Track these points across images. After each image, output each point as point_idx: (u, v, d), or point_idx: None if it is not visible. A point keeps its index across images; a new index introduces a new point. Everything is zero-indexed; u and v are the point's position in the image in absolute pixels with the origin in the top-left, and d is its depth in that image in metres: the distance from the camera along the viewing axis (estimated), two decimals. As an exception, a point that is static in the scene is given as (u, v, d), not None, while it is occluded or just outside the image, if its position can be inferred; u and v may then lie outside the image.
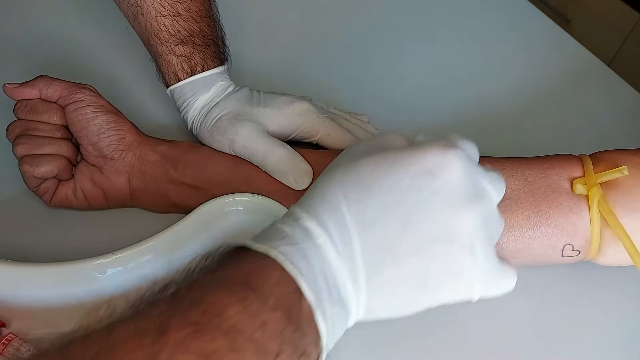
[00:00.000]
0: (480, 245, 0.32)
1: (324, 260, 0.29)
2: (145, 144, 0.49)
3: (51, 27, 0.67)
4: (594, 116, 0.61)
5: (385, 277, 0.30)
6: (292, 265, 0.29)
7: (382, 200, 0.31)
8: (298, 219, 0.31)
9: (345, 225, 0.30)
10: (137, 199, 0.50)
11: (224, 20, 0.55)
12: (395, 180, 0.31)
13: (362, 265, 0.30)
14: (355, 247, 0.30)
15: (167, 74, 0.51)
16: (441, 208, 0.31)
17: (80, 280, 0.43)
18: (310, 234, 0.30)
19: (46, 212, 0.51)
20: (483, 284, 0.32)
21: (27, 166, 0.46)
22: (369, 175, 0.31)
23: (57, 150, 0.47)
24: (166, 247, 0.45)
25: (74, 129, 0.47)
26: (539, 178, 0.44)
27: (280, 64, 0.65)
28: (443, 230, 0.31)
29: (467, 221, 0.31)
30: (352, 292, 0.30)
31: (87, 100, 0.47)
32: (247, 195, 0.47)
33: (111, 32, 0.63)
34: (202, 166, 0.49)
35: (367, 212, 0.30)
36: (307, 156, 0.48)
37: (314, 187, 0.33)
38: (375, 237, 0.30)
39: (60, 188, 0.49)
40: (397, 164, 0.32)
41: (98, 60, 0.63)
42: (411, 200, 0.31)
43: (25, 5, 0.69)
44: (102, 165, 0.48)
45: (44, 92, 0.47)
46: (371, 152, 0.33)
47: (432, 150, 0.32)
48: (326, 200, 0.31)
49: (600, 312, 0.47)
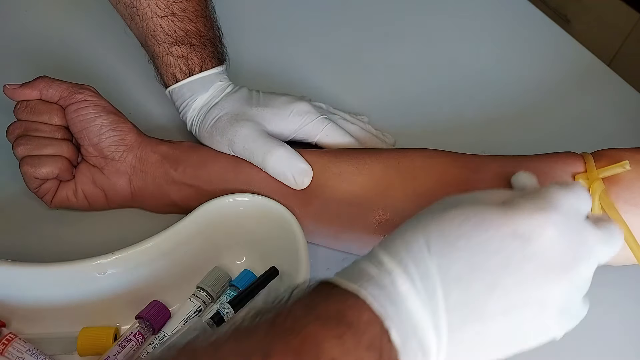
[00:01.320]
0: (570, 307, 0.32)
1: (407, 308, 0.29)
2: (146, 144, 0.49)
3: (51, 27, 0.67)
4: (593, 116, 0.61)
5: (469, 334, 0.30)
6: (382, 308, 0.28)
7: (468, 259, 0.30)
8: (382, 263, 0.30)
9: (429, 277, 0.30)
10: (138, 199, 0.50)
11: (224, 19, 0.55)
12: (484, 239, 0.30)
13: (445, 319, 0.29)
14: (439, 300, 0.29)
15: (166, 75, 0.51)
16: (534, 274, 0.30)
17: (81, 281, 0.43)
18: (394, 280, 0.29)
19: (46, 212, 0.51)
20: (565, 329, 0.33)
21: (28, 167, 0.46)
22: (456, 229, 0.30)
23: (58, 151, 0.47)
24: (166, 247, 0.45)
25: (75, 129, 0.47)
26: (542, 173, 0.44)
27: (280, 64, 0.65)
28: (535, 296, 0.30)
29: (560, 288, 0.31)
30: (434, 344, 0.29)
31: (87, 101, 0.47)
32: (247, 196, 0.47)
33: (111, 32, 0.63)
34: (203, 166, 0.49)
35: (452, 267, 0.30)
36: (307, 156, 0.48)
37: (398, 231, 0.32)
38: (459, 293, 0.29)
39: (61, 189, 0.49)
40: (487, 223, 0.30)
41: (97, 61, 0.63)
42: (499, 262, 0.30)
43: (25, 5, 0.69)
44: (102, 166, 0.48)
45: (44, 93, 0.47)
46: (462, 205, 0.32)
47: (526, 213, 0.30)
48: (409, 248, 0.30)
49: (602, 310, 0.47)
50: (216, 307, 0.44)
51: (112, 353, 0.42)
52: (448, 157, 0.47)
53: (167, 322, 0.44)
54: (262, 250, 0.47)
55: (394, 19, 0.71)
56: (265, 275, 0.44)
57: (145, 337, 0.43)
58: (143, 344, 0.43)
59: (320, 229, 0.48)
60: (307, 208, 0.47)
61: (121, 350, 0.42)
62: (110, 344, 0.43)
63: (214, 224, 0.47)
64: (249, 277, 0.46)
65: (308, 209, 0.47)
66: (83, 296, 0.44)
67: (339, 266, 0.47)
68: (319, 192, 0.47)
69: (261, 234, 0.47)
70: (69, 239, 0.50)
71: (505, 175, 0.43)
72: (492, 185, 0.45)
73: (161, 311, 0.44)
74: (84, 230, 0.50)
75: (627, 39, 1.15)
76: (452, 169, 0.46)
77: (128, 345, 0.42)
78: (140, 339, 0.43)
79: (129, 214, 0.51)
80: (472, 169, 0.46)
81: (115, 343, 0.42)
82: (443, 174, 0.46)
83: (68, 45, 0.54)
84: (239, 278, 0.46)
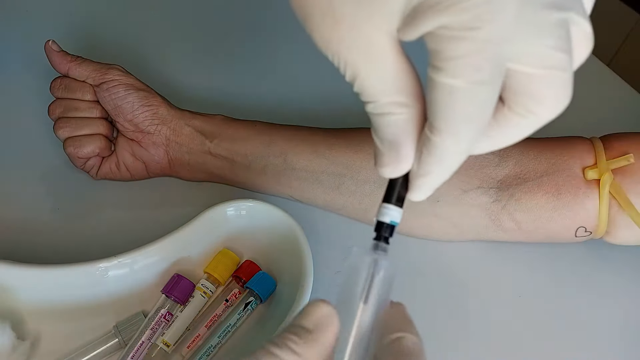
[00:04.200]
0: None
1: None
2: (180, 117, 0.51)
3: (51, 27, 0.67)
4: (593, 116, 0.61)
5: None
6: None
7: None
8: None
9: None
10: (176, 168, 0.52)
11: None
12: None
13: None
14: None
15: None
16: None
17: (83, 283, 0.44)
18: None
19: (48, 213, 0.52)
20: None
21: (71, 148, 0.50)
22: None
23: (95, 130, 0.50)
24: (169, 251, 0.45)
25: (108, 107, 0.50)
26: (562, 160, 0.45)
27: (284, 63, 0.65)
28: None
29: None
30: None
31: (116, 80, 0.49)
32: (250, 201, 0.47)
33: (111, 31, 0.64)
34: (237, 141, 0.50)
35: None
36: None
37: None
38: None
39: (104, 163, 0.52)
40: None
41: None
42: None
43: (25, 5, 0.70)
44: (140, 139, 0.51)
45: (73, 70, 0.49)
46: None
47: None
48: None
49: (610, 296, 0.47)
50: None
51: (146, 337, 0.43)
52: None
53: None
54: (265, 254, 0.48)
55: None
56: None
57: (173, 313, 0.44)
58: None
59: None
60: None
61: (153, 333, 0.43)
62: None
63: (217, 228, 0.47)
64: (265, 279, 0.46)
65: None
66: (85, 298, 0.44)
67: (340, 266, 0.48)
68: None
69: (264, 238, 0.47)
70: (72, 241, 0.50)
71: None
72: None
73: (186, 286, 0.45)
74: (87, 232, 0.51)
75: (627, 39, 1.15)
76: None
77: (160, 327, 0.43)
78: (170, 318, 0.44)
79: (132, 217, 0.52)
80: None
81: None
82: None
83: (67, 45, 0.55)
84: (254, 281, 0.46)
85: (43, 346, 0.43)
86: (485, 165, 0.46)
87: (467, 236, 0.49)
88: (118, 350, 0.43)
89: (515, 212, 0.45)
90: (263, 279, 0.46)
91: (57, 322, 0.44)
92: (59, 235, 0.50)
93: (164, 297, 0.44)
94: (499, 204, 0.46)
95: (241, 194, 0.52)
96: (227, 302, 0.45)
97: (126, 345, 0.43)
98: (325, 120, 0.53)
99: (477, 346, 0.45)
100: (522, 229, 0.46)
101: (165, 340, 0.43)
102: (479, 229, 0.47)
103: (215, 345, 0.43)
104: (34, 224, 0.51)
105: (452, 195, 0.46)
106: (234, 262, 0.47)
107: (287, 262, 0.45)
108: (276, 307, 0.45)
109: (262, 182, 0.51)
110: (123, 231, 0.50)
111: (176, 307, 0.44)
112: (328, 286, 0.47)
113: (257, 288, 0.45)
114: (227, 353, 0.43)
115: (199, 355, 0.42)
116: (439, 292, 0.47)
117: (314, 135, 0.50)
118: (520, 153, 0.46)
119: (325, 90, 0.62)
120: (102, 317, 0.44)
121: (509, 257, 0.49)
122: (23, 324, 0.44)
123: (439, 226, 0.48)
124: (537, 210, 0.45)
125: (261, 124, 0.51)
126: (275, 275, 0.46)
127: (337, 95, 0.61)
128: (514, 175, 0.46)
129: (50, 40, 0.50)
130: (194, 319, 0.45)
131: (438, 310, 0.46)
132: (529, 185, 0.45)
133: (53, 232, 0.50)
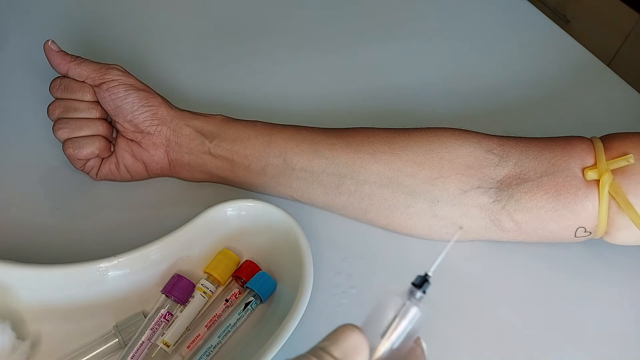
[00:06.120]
0: None
1: None
2: (179, 117, 0.51)
3: (51, 27, 0.67)
4: (593, 116, 0.61)
5: None
6: None
7: None
8: None
9: None
10: (176, 168, 0.52)
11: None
12: None
13: None
14: None
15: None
16: None
17: (83, 283, 0.44)
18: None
19: (48, 213, 0.52)
20: None
21: (70, 150, 0.50)
22: None
23: (95, 131, 0.50)
24: (169, 251, 0.45)
25: (108, 108, 0.49)
26: (562, 161, 0.45)
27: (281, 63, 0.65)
28: None
29: None
30: None
31: (116, 80, 0.49)
32: (250, 201, 0.47)
33: (111, 31, 0.64)
34: (237, 141, 0.50)
35: None
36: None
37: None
38: None
39: (104, 164, 0.52)
40: None
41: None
42: None
43: (25, 5, 0.70)
44: (140, 140, 0.51)
45: (72, 71, 0.49)
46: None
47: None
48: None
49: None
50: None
51: (146, 338, 0.43)
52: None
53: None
54: (265, 254, 0.48)
55: (393, 20, 0.71)
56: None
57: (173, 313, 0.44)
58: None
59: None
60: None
61: (153, 333, 0.43)
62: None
63: (217, 228, 0.47)
64: (264, 279, 0.46)
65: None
66: (85, 298, 0.44)
67: (340, 266, 0.48)
68: None
69: (264, 238, 0.47)
70: (72, 241, 0.50)
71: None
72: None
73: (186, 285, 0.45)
74: (88, 232, 0.51)
75: (627, 39, 1.15)
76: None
77: (160, 327, 0.43)
78: (170, 318, 0.44)
79: (132, 217, 0.52)
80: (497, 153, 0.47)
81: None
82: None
83: (67, 45, 0.55)
84: (254, 281, 0.45)
85: (43, 346, 0.43)
86: (485, 166, 0.46)
87: (467, 236, 0.49)
88: (118, 350, 0.43)
89: (515, 212, 0.46)
90: (263, 279, 0.46)
91: (57, 322, 0.44)
92: (59, 235, 0.50)
93: (164, 297, 0.44)
94: (499, 204, 0.46)
95: (241, 194, 0.52)
96: (227, 302, 0.45)
97: (126, 345, 0.43)
98: (325, 120, 0.53)
99: (477, 346, 0.45)
100: (521, 229, 0.46)
101: (165, 341, 0.43)
102: (479, 229, 0.47)
103: (215, 345, 0.43)
104: (34, 224, 0.51)
105: (451, 195, 0.46)
106: (234, 262, 0.47)
107: (287, 262, 0.45)
108: (276, 307, 0.45)
109: (262, 182, 0.51)
110: (123, 231, 0.50)
111: (176, 307, 0.44)
112: (328, 286, 0.47)
113: (257, 288, 0.45)
114: (227, 353, 0.43)
115: (199, 355, 0.42)
116: (438, 292, 0.47)
117: (314, 135, 0.50)
118: (520, 153, 0.46)
119: (325, 90, 0.62)
120: (102, 317, 0.44)
121: (509, 257, 0.49)
122: (23, 324, 0.44)
123: (439, 226, 0.48)
124: (536, 210, 0.45)
125: (261, 124, 0.51)
126: (275, 275, 0.46)
127: (338, 95, 0.61)
128: (513, 176, 0.46)
129: (50, 40, 0.49)
130: (194, 319, 0.45)
131: (438, 310, 0.46)
132: (528, 186, 0.45)
133: (53, 232, 0.50)
